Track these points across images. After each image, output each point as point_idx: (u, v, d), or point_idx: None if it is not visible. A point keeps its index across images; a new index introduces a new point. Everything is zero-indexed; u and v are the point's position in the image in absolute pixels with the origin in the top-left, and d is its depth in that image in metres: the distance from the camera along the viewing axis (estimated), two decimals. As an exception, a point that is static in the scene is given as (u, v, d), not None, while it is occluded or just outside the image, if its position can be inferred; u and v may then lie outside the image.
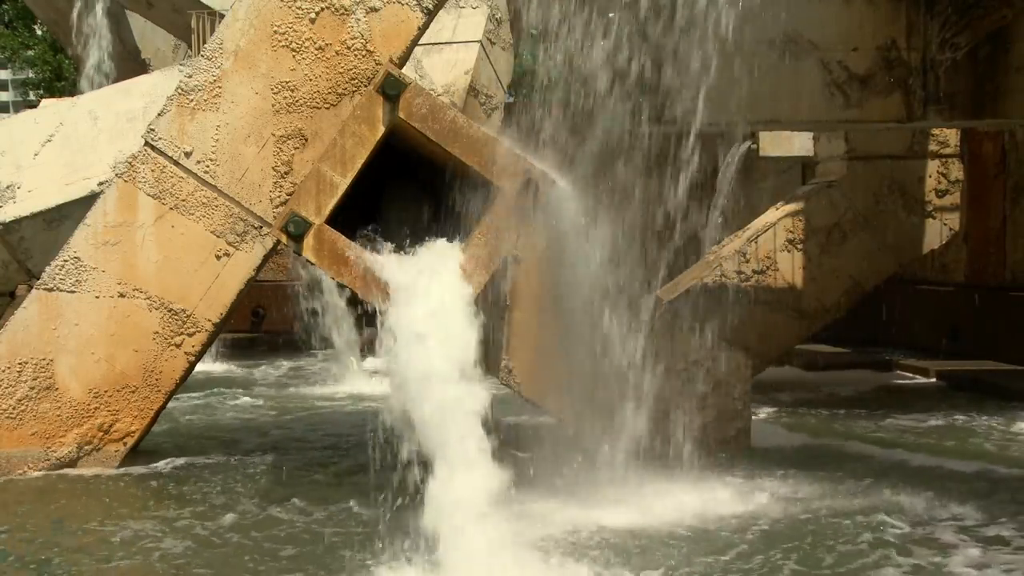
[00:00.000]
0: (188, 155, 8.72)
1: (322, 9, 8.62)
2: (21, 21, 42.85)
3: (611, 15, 8.73)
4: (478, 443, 6.30)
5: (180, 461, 9.00)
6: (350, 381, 14.34)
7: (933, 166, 13.85)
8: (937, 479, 8.53)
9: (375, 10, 8.60)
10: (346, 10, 8.60)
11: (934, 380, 14.25)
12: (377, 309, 7.21)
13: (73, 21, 18.53)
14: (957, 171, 13.93)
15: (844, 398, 12.82)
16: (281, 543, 6.81)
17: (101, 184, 12.03)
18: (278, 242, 8.00)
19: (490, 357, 8.34)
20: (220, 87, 8.70)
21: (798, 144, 15.70)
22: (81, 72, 18.90)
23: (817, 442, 10.22)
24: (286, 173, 8.67)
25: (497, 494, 6.19)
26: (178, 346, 8.79)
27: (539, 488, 7.45)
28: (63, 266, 8.76)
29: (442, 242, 7.35)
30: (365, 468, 8.70)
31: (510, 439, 8.05)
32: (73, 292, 8.75)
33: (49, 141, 13.11)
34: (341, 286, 7.98)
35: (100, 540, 6.91)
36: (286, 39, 8.63)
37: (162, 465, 8.87)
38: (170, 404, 9.29)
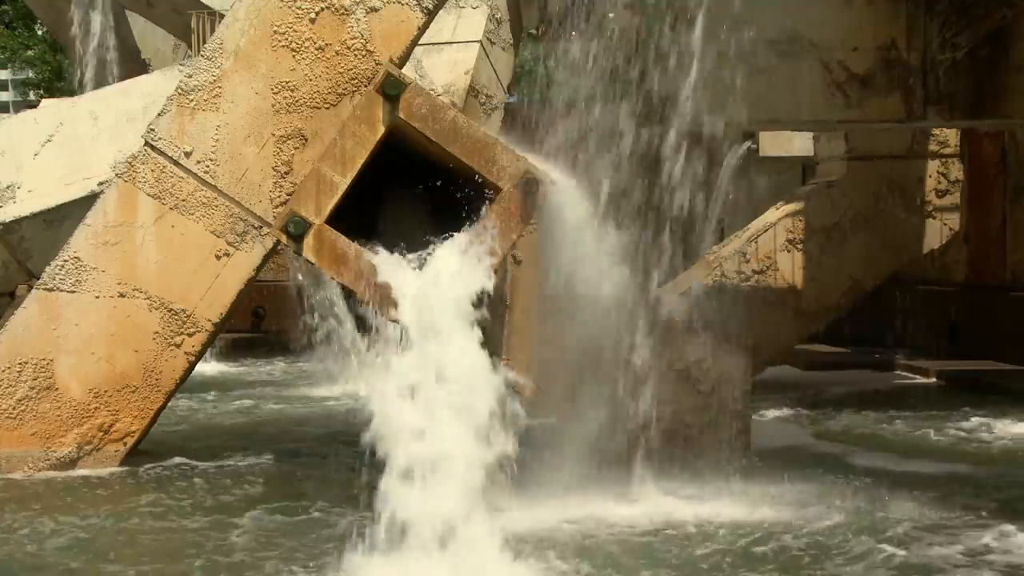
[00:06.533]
0: (188, 155, 8.72)
1: (322, 9, 8.61)
2: (21, 21, 42.86)
3: (610, 15, 8.73)
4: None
5: (180, 461, 8.99)
6: (351, 381, 14.30)
7: (933, 166, 13.87)
8: (937, 481, 8.52)
9: (375, 10, 8.60)
10: (346, 10, 8.60)
11: (934, 380, 14.26)
12: (378, 309, 7.21)
13: (72, 21, 18.53)
14: (957, 171, 13.95)
15: (844, 398, 12.81)
16: (280, 542, 6.81)
17: (101, 184, 12.01)
18: (278, 242, 8.00)
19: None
20: (220, 87, 8.70)
21: (798, 144, 15.73)
22: (80, 72, 18.89)
23: (817, 443, 10.23)
24: (286, 173, 8.67)
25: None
26: (178, 346, 8.80)
27: (537, 489, 7.46)
28: (63, 266, 8.77)
29: (442, 242, 7.34)
30: (364, 469, 8.71)
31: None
32: (73, 292, 8.75)
33: (49, 141, 13.10)
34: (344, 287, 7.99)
35: (98, 537, 6.92)
36: (286, 39, 8.62)
37: (162, 465, 8.86)
38: (170, 404, 9.29)
